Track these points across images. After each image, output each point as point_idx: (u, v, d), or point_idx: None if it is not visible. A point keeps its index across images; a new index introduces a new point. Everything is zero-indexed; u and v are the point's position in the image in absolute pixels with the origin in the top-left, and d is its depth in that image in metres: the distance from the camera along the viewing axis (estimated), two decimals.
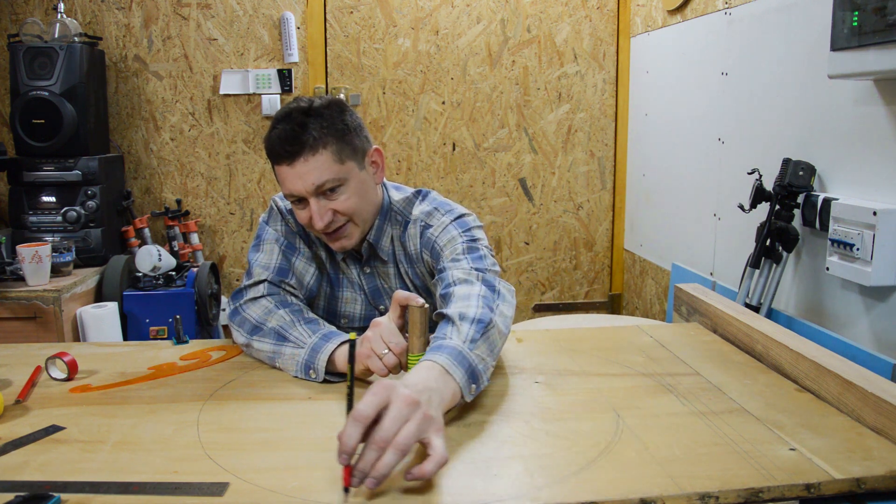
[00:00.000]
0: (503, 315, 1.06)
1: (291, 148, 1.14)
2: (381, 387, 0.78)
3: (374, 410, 0.75)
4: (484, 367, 0.96)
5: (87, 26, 2.69)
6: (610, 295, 3.10)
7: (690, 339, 1.29)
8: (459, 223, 1.24)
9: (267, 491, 0.75)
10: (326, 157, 1.15)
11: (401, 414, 0.76)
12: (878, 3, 1.26)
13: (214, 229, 2.88)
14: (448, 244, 1.21)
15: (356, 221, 1.22)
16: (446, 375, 0.89)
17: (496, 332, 1.01)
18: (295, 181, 1.15)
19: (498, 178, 2.98)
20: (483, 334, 0.98)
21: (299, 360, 1.09)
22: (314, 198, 1.16)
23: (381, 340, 1.01)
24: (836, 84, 1.54)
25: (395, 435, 0.74)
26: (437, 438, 0.77)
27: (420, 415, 0.77)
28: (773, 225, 1.65)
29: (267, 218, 1.32)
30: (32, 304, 2.11)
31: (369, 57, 2.84)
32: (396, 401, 0.76)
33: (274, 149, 1.16)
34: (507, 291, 1.12)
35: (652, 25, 2.65)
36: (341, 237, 1.22)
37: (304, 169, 1.14)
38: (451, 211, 1.27)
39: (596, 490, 0.74)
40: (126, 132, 2.79)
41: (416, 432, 0.76)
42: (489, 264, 1.17)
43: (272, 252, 1.26)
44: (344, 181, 1.18)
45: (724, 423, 0.90)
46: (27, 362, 1.16)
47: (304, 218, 1.20)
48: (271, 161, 1.19)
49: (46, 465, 0.81)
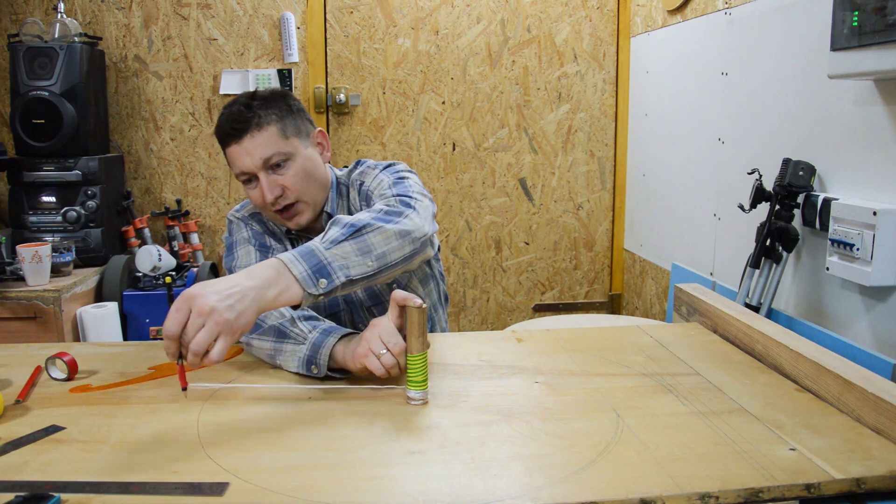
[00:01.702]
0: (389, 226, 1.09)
1: (239, 126, 1.23)
2: (182, 300, 0.90)
3: (178, 326, 0.89)
4: (343, 264, 1.02)
5: (87, 26, 2.69)
6: (610, 295, 3.10)
7: (690, 339, 1.29)
8: (389, 170, 1.33)
9: (267, 491, 0.75)
10: (272, 132, 1.24)
11: (193, 324, 0.89)
12: (878, 3, 1.26)
13: (214, 229, 2.88)
14: (377, 186, 1.30)
15: (305, 199, 1.29)
16: (282, 270, 0.98)
17: (374, 237, 1.07)
18: (244, 157, 1.24)
19: (498, 178, 2.98)
20: (351, 236, 1.05)
21: (301, 356, 1.10)
22: (263, 172, 1.24)
23: (379, 340, 1.01)
24: (836, 84, 1.54)
25: (190, 342, 0.88)
26: (221, 342, 0.89)
27: (212, 322, 0.89)
28: (773, 225, 1.65)
29: (230, 230, 1.37)
30: (32, 304, 2.11)
31: (369, 57, 2.84)
32: (192, 313, 0.89)
33: (223, 130, 1.26)
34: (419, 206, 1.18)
35: (652, 25, 2.66)
36: (293, 215, 1.29)
37: (251, 144, 1.23)
38: (381, 164, 1.37)
39: (596, 490, 0.74)
40: (126, 132, 2.79)
41: (207, 338, 0.88)
42: (413, 191, 1.22)
43: (248, 253, 1.30)
44: (290, 156, 1.26)
45: (724, 423, 0.90)
46: (27, 362, 1.16)
47: (256, 197, 1.27)
48: (223, 146, 1.28)
49: (46, 465, 0.81)
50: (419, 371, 0.97)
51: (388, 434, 0.89)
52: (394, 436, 0.88)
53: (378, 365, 1.00)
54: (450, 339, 1.31)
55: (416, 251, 1.13)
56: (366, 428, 0.91)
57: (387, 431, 0.90)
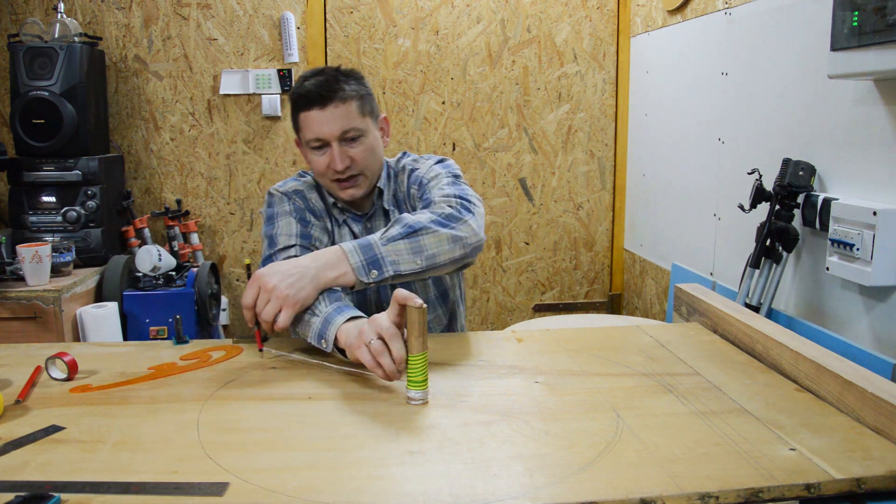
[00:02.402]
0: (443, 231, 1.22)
1: (327, 93, 1.32)
2: (254, 278, 1.14)
3: (251, 300, 1.13)
4: (395, 260, 1.18)
5: (87, 26, 2.69)
6: (610, 295, 3.10)
7: (690, 339, 1.29)
8: (443, 165, 1.43)
9: (267, 491, 0.75)
10: (354, 108, 1.34)
11: (262, 298, 1.13)
12: (878, 3, 1.26)
13: (214, 229, 2.88)
14: (434, 179, 1.39)
15: (366, 174, 1.39)
16: (342, 257, 1.17)
17: (427, 239, 1.20)
18: (324, 124, 1.32)
19: (498, 178, 2.98)
20: (407, 236, 1.19)
21: (315, 327, 1.14)
22: (337, 142, 1.33)
23: (373, 332, 1.01)
24: (836, 84, 1.54)
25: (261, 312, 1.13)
26: (284, 313, 1.12)
27: (274, 297, 1.11)
28: (773, 225, 1.65)
29: (270, 202, 1.43)
30: (32, 304, 2.11)
31: (369, 57, 2.84)
32: (261, 289, 1.13)
33: (308, 95, 1.33)
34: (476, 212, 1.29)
35: (652, 25, 2.66)
36: (352, 186, 1.38)
37: (334, 114, 1.32)
38: (432, 156, 1.48)
39: (596, 490, 0.74)
40: (126, 132, 2.79)
41: (272, 310, 1.12)
42: (470, 194, 1.33)
43: (290, 224, 1.36)
44: (363, 132, 1.36)
45: (724, 423, 0.90)
46: (27, 362, 1.16)
47: (321, 163, 1.36)
48: (299, 108, 1.35)
49: (46, 465, 0.81)
50: (419, 371, 0.97)
51: (388, 434, 0.89)
52: (394, 436, 0.88)
53: (368, 356, 1.00)
54: (450, 339, 1.31)
55: (467, 255, 1.25)
56: (366, 428, 0.91)
57: (387, 431, 0.90)
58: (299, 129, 1.38)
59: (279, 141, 2.84)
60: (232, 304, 2.93)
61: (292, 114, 1.40)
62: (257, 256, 2.92)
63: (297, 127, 1.39)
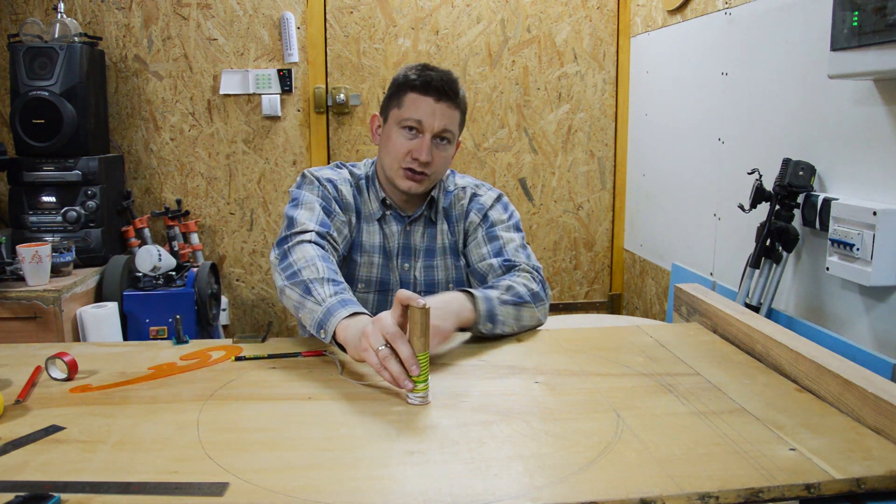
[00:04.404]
0: (535, 309, 1.35)
1: (447, 89, 1.38)
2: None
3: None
4: (503, 319, 1.27)
5: (87, 26, 2.69)
6: (610, 295, 3.10)
7: (690, 339, 1.29)
8: (503, 205, 1.51)
9: (267, 491, 0.75)
10: (457, 114, 1.42)
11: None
12: (878, 3, 1.26)
13: (214, 229, 2.88)
14: (502, 225, 1.47)
15: (433, 178, 1.44)
16: (471, 304, 1.23)
17: (526, 312, 1.32)
18: (431, 114, 1.37)
19: (498, 178, 2.98)
20: (516, 305, 1.30)
21: (316, 317, 1.14)
22: (430, 136, 1.38)
23: (379, 335, 1.01)
24: (836, 84, 1.54)
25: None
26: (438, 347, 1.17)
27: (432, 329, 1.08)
28: (773, 225, 1.65)
29: (300, 183, 1.44)
30: (32, 304, 2.11)
31: (369, 57, 2.84)
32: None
33: (431, 83, 1.37)
34: (546, 297, 1.39)
35: (652, 25, 2.66)
36: (417, 181, 1.41)
37: (445, 111, 1.38)
38: (489, 185, 1.56)
39: (596, 490, 0.74)
40: (126, 132, 2.79)
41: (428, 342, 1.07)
42: (535, 263, 1.43)
43: (313, 209, 1.37)
44: (452, 141, 1.43)
45: (724, 423, 0.90)
46: (27, 362, 1.16)
47: (405, 146, 1.39)
48: (412, 89, 1.38)
49: (46, 465, 0.81)
50: (420, 371, 0.97)
51: (388, 434, 0.89)
52: (394, 436, 0.88)
53: (375, 360, 1.00)
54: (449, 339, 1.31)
55: (534, 327, 1.37)
56: (366, 428, 0.91)
57: (387, 431, 0.90)
58: (399, 106, 1.39)
59: (279, 141, 2.84)
60: (232, 304, 2.93)
61: (395, 91, 1.41)
62: (257, 256, 2.92)
63: (394, 104, 1.41)
